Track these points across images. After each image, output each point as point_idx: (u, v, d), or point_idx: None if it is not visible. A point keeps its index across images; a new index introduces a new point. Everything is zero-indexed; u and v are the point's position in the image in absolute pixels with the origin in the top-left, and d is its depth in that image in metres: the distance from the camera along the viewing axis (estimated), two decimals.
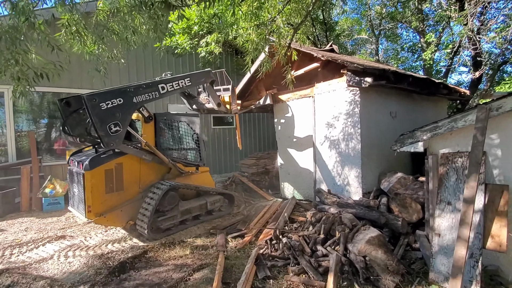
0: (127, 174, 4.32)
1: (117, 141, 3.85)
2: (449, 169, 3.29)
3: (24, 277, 3.27)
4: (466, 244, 2.71)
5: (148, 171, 4.60)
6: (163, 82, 4.32)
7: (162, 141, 4.88)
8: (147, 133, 4.63)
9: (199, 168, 5.35)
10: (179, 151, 5.19)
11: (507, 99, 2.81)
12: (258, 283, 3.07)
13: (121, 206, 4.23)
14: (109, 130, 3.74)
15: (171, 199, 4.48)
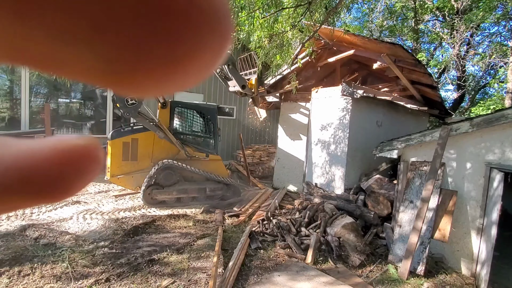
0: (141, 148, 5.05)
1: (133, 112, 4.52)
2: (415, 174, 4.02)
3: (50, 231, 3.82)
4: (418, 233, 3.45)
5: (160, 149, 5.22)
6: None
7: (176, 126, 5.45)
8: (162, 117, 5.22)
9: (210, 156, 5.70)
10: (191, 137, 5.66)
11: (464, 123, 3.53)
12: (251, 252, 3.74)
13: (133, 173, 5.01)
14: (126, 102, 4.42)
15: (167, 176, 5.06)
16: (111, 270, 3.08)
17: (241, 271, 3.24)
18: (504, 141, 3.39)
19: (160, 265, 3.28)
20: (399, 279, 3.38)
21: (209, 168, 5.63)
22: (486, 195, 3.49)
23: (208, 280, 3.00)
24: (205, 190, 5.42)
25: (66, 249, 3.39)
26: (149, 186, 4.92)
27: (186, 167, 5.22)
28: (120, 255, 3.40)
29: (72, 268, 3.04)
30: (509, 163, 3.33)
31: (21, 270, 2.93)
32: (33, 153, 0.13)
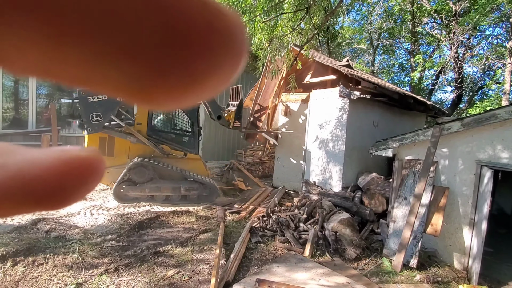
0: (118, 144, 5.24)
1: (96, 128, 4.76)
2: (409, 172, 4.18)
3: (60, 225, 4.00)
4: (411, 228, 3.61)
5: (138, 146, 5.30)
6: None
7: (154, 123, 5.52)
8: (141, 114, 5.34)
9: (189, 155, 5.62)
10: (170, 135, 5.63)
11: (455, 123, 3.69)
12: (252, 245, 3.91)
13: (109, 168, 5.14)
14: (91, 118, 4.68)
15: (140, 173, 5.01)
16: (119, 261, 3.25)
17: (242, 263, 3.41)
18: (494, 139, 3.55)
19: (165, 257, 3.45)
20: (393, 271, 3.54)
21: (188, 167, 5.52)
22: (477, 191, 3.64)
23: (211, 270, 3.17)
24: (180, 189, 5.20)
25: (75, 242, 3.57)
26: (121, 182, 4.92)
27: (158, 165, 5.10)
28: (127, 248, 3.58)
29: (82, 258, 3.22)
30: (499, 161, 3.49)
31: (35, 260, 3.11)
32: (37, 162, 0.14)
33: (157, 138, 5.44)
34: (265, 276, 3.06)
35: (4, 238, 3.47)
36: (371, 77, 8.07)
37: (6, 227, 3.78)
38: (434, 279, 3.40)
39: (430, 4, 9.50)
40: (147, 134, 5.39)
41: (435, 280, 3.38)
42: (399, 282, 3.33)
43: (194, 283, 2.96)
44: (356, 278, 3.26)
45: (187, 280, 3.01)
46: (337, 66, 6.16)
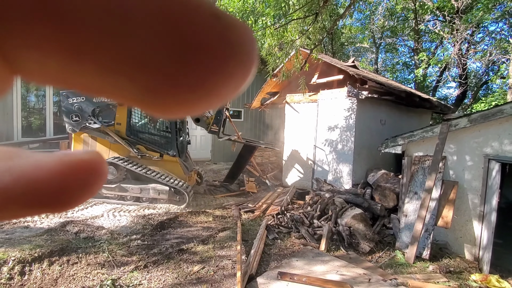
0: (100, 144, 5.46)
1: (75, 128, 5.16)
2: (419, 168, 4.33)
3: (88, 226, 4.22)
4: (422, 221, 3.77)
5: (117, 146, 5.45)
6: None
7: (134, 124, 5.59)
8: (120, 114, 5.47)
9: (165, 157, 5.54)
10: (147, 136, 5.64)
11: (462, 119, 3.84)
12: (269, 242, 4.09)
13: None
14: (71, 118, 5.07)
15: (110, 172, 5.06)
16: (146, 258, 3.45)
17: (262, 258, 3.59)
18: (501, 134, 3.69)
19: (189, 254, 3.65)
20: (406, 263, 3.69)
21: (165, 169, 5.49)
22: (486, 184, 3.78)
23: (233, 265, 3.36)
24: (149, 191, 5.14)
25: (104, 242, 3.78)
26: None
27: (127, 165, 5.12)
28: (152, 246, 3.78)
29: (112, 257, 3.42)
30: (506, 154, 3.63)
31: (69, 259, 3.32)
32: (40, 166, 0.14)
33: (134, 139, 5.50)
34: (285, 269, 3.24)
35: (37, 240, 3.69)
36: (377, 76, 8.23)
37: (37, 230, 4.01)
38: (447, 269, 3.54)
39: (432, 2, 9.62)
40: (126, 134, 5.48)
41: (447, 270, 3.53)
42: (413, 273, 3.48)
43: (219, 277, 3.15)
44: (371, 269, 3.43)
45: (212, 274, 3.20)
46: (344, 66, 6.33)
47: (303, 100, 7.10)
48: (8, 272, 2.94)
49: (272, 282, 2.98)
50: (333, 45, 12.54)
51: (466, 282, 3.31)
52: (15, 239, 3.66)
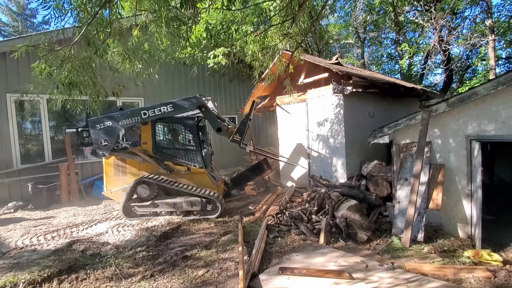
0: (130, 164, 5.73)
1: (105, 152, 5.39)
2: (407, 155, 4.50)
3: (93, 244, 4.34)
4: (414, 205, 3.92)
5: (146, 164, 5.69)
6: (145, 109, 5.41)
7: (159, 141, 5.88)
8: (145, 133, 5.73)
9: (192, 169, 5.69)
10: (172, 151, 5.91)
11: (441, 104, 4.02)
12: (270, 241, 4.22)
13: (123, 187, 5.60)
14: (100, 143, 5.31)
15: (143, 190, 5.39)
16: (152, 268, 3.57)
17: (264, 256, 3.72)
18: (479, 115, 3.87)
19: (193, 260, 3.77)
20: (403, 247, 3.83)
21: (193, 181, 5.63)
22: (470, 164, 3.95)
23: (236, 266, 3.48)
24: (182, 205, 5.30)
25: (110, 256, 3.90)
26: (128, 200, 5.31)
27: (160, 180, 5.30)
28: (157, 256, 3.90)
29: (120, 270, 3.54)
30: (485, 133, 3.80)
31: (77, 276, 3.43)
32: None
33: (161, 155, 5.75)
34: (286, 264, 3.37)
35: (45, 261, 3.80)
36: (361, 70, 8.44)
37: (44, 251, 4.12)
38: (441, 249, 3.69)
39: None
40: (152, 152, 5.71)
41: (442, 250, 3.67)
42: (409, 256, 3.62)
43: (223, 278, 3.27)
44: (369, 257, 3.56)
45: (216, 276, 3.32)
46: (328, 65, 6.53)
47: (292, 101, 7.29)
48: None
49: (274, 277, 3.11)
50: (318, 44, 12.80)
51: (460, 259, 3.45)
52: (23, 263, 3.77)
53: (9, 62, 6.81)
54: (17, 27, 23.65)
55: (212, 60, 7.91)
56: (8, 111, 6.85)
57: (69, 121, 8.29)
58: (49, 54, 3.60)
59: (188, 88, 9.98)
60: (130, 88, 5.67)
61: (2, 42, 7.22)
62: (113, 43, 4.54)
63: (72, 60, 3.70)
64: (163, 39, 4.68)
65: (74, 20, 3.52)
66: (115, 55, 4.52)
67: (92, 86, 3.81)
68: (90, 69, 3.82)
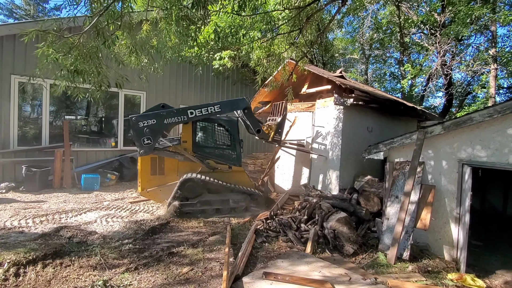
0: (168, 163, 5.59)
1: (147, 150, 5.14)
2: (400, 173, 4.55)
3: (81, 231, 4.34)
4: (402, 223, 3.96)
5: (186, 163, 5.62)
6: (192, 108, 5.33)
7: (198, 140, 5.81)
8: (185, 132, 5.66)
9: (233, 168, 5.91)
10: (213, 150, 5.92)
11: (436, 126, 4.10)
12: (257, 245, 4.24)
13: (161, 186, 5.47)
14: (142, 142, 5.06)
15: (190, 188, 5.30)
16: (137, 261, 3.57)
17: (249, 260, 3.74)
18: (473, 140, 3.94)
19: (179, 257, 3.78)
20: (387, 264, 3.86)
21: (232, 180, 5.75)
22: (461, 188, 4.01)
23: (221, 267, 3.49)
24: (229, 202, 5.50)
25: (96, 246, 3.90)
26: (174, 198, 5.19)
27: (206, 179, 5.36)
28: (143, 250, 3.91)
29: (104, 260, 3.54)
30: (477, 159, 3.87)
31: (62, 262, 3.43)
32: None
33: (202, 154, 5.72)
34: (270, 269, 3.39)
35: (32, 244, 3.80)
36: (363, 86, 8.55)
37: (31, 235, 4.12)
38: (425, 269, 3.72)
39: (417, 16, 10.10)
40: (192, 151, 5.67)
41: (426, 270, 3.70)
42: (393, 273, 3.65)
43: (207, 277, 3.28)
44: (354, 270, 3.58)
45: (200, 275, 3.33)
46: (331, 77, 6.63)
47: (294, 109, 7.36)
48: (3, 274, 3.05)
49: (257, 281, 3.13)
50: (323, 57, 12.97)
51: (443, 281, 3.48)
52: (10, 243, 3.77)
53: (17, 44, 6.87)
54: (29, 10, 23.80)
55: (217, 62, 8.00)
56: (11, 92, 6.89)
57: (69, 107, 8.33)
58: (58, 40, 3.66)
59: (191, 87, 10.05)
60: (134, 81, 5.76)
61: (14, 24, 7.29)
62: (122, 35, 4.62)
63: (80, 48, 3.76)
64: (171, 37, 4.76)
65: (86, 9, 3.60)
66: (122, 47, 4.59)
67: (96, 75, 3.86)
68: (96, 59, 3.87)
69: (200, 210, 5.37)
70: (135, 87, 8.26)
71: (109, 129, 8.86)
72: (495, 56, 8.92)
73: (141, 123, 5.05)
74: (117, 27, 4.02)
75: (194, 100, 9.52)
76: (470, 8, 7.58)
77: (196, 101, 9.46)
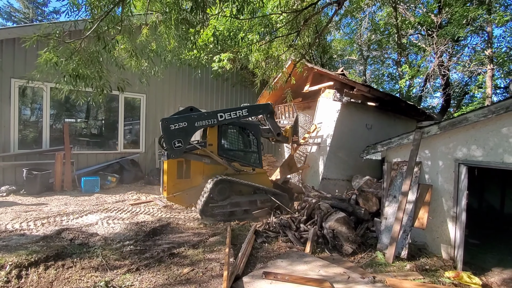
0: (194, 166, 5.52)
1: (178, 153, 5.16)
2: (397, 173, 4.61)
3: (82, 233, 4.38)
4: (400, 222, 4.01)
5: (211, 166, 5.63)
6: (222, 111, 5.43)
7: (224, 143, 5.84)
8: (211, 135, 5.67)
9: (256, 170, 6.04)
10: (238, 152, 6.02)
11: (433, 127, 4.16)
12: (257, 245, 4.28)
13: (187, 190, 5.45)
14: (173, 145, 5.07)
15: (222, 190, 5.30)
16: (139, 262, 3.61)
17: (249, 260, 3.78)
18: (468, 140, 4.00)
19: (179, 257, 3.82)
20: (386, 263, 3.91)
21: (256, 181, 5.87)
22: (457, 187, 4.06)
23: (222, 267, 3.54)
24: (256, 202, 5.61)
25: (98, 248, 3.94)
26: (207, 201, 5.19)
27: (238, 181, 5.49)
28: (144, 251, 3.95)
29: (106, 261, 3.58)
30: (473, 158, 3.93)
31: (64, 263, 3.47)
32: None
33: (227, 157, 5.77)
34: (270, 269, 3.43)
35: (33, 246, 3.83)
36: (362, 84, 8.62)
37: (33, 237, 4.16)
38: (423, 268, 3.77)
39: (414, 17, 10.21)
40: (218, 154, 5.70)
41: (423, 268, 3.75)
42: (391, 271, 3.70)
43: (208, 277, 3.32)
44: (352, 269, 3.63)
45: (201, 275, 3.37)
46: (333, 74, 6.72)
47: None
48: (5, 276, 3.09)
49: (257, 281, 3.17)
50: (321, 58, 13.06)
51: (440, 279, 3.53)
52: (12, 246, 3.80)
53: (17, 48, 6.93)
54: (27, 13, 23.87)
55: (216, 64, 8.06)
56: (11, 95, 6.93)
57: (69, 110, 8.38)
58: (59, 45, 3.72)
59: (191, 89, 10.12)
60: (134, 84, 5.81)
61: (13, 28, 7.35)
62: (122, 40, 4.67)
63: (81, 53, 3.82)
64: (171, 40, 4.82)
65: (86, 14, 3.66)
66: (122, 51, 4.65)
67: (98, 79, 3.92)
68: (97, 63, 3.93)
69: (229, 212, 5.39)
70: (135, 90, 8.32)
71: (109, 131, 8.91)
72: (491, 56, 9.04)
73: (173, 126, 5.06)
74: (118, 31, 4.09)
75: (194, 102, 9.57)
76: (465, 10, 7.69)
77: (196, 103, 9.51)
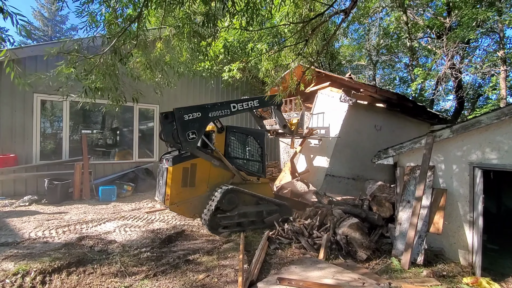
0: (199, 173, 5.24)
1: (192, 146, 5.00)
2: (410, 177, 4.58)
3: (101, 241, 4.53)
4: (415, 228, 3.97)
5: (216, 174, 5.42)
6: (234, 102, 5.45)
7: (230, 150, 5.64)
8: (218, 141, 5.49)
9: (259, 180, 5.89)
10: (244, 161, 5.86)
11: (445, 130, 4.13)
12: (270, 252, 4.32)
13: (191, 199, 5.17)
14: (187, 136, 4.91)
15: (231, 200, 5.13)
16: (155, 268, 3.71)
17: (263, 266, 3.81)
18: (482, 143, 3.96)
19: (194, 264, 3.90)
20: (401, 269, 3.86)
21: (260, 191, 5.73)
22: (473, 191, 4.00)
23: (236, 273, 3.59)
24: (263, 213, 5.43)
25: (116, 254, 4.07)
26: (215, 211, 4.97)
27: (247, 191, 5.36)
28: (161, 258, 4.05)
29: (125, 268, 3.70)
30: (488, 162, 3.88)
31: (85, 270, 3.61)
32: None
33: (233, 165, 5.56)
34: (284, 275, 3.46)
35: (56, 253, 4.00)
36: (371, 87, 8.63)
37: (55, 244, 4.34)
38: (440, 274, 3.70)
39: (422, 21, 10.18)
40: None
41: (441, 275, 3.68)
42: (407, 278, 3.65)
43: (222, 283, 3.38)
44: (367, 275, 3.61)
45: (216, 281, 3.43)
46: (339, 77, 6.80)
47: None
48: (30, 282, 3.24)
49: (272, 286, 3.20)
50: (330, 64, 13.13)
51: (458, 285, 3.46)
52: (36, 253, 3.98)
53: (39, 65, 7.32)
54: (47, 31, 25.11)
55: (227, 74, 8.26)
56: (34, 110, 7.31)
57: (86, 122, 8.73)
58: (79, 60, 3.96)
59: (202, 98, 10.34)
60: (148, 95, 6.05)
61: (35, 46, 7.79)
62: (137, 53, 4.91)
63: (100, 67, 4.04)
64: (183, 53, 5.03)
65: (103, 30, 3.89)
66: (137, 64, 4.88)
67: (114, 91, 4.13)
68: (114, 76, 4.15)
69: (237, 223, 5.22)
70: (149, 101, 8.58)
71: (124, 141, 9.19)
72: (504, 57, 8.87)
73: (187, 116, 4.87)
74: (133, 46, 4.31)
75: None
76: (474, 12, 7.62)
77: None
